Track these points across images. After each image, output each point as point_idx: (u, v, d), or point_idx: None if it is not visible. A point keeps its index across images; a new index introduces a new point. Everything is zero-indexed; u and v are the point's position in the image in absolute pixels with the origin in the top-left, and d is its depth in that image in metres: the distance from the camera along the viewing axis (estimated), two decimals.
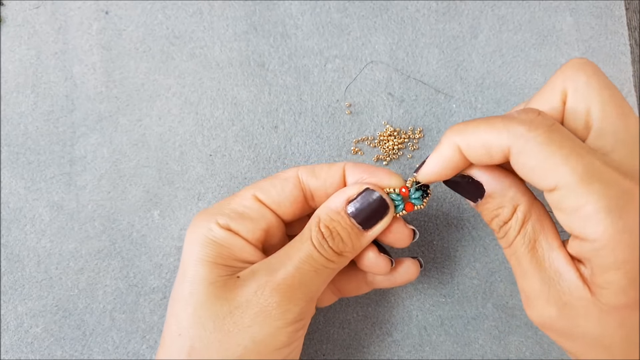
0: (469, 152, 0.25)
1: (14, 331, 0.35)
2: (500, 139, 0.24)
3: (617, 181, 0.23)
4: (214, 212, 0.29)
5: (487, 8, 0.38)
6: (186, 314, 0.27)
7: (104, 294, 0.35)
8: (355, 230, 0.28)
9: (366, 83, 0.37)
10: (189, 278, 0.28)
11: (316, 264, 0.28)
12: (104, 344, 0.35)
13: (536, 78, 0.37)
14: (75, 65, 0.37)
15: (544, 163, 0.23)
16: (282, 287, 0.27)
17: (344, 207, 0.28)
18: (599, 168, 0.23)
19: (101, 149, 0.37)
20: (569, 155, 0.23)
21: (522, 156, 0.24)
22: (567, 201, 0.23)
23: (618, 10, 0.38)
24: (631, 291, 0.23)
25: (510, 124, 0.24)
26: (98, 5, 0.38)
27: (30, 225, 0.36)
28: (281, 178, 0.30)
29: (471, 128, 0.25)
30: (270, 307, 0.27)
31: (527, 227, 0.26)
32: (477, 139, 0.25)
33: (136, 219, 0.36)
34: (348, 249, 0.28)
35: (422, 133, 0.37)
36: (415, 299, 0.36)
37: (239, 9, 0.38)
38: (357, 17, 0.38)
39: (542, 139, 0.23)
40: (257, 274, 0.28)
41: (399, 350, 0.35)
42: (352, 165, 0.30)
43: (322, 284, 0.28)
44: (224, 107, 0.37)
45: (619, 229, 0.22)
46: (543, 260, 0.26)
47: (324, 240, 0.28)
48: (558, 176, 0.23)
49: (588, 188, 0.22)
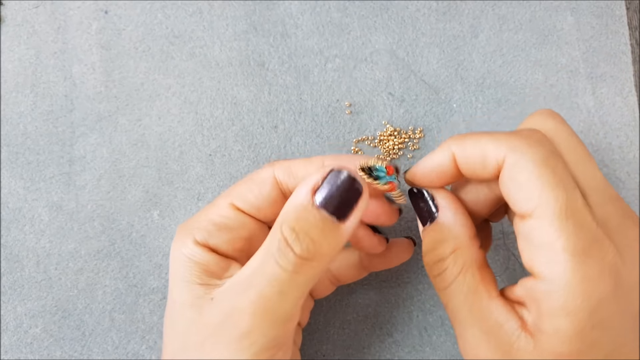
0: (464, 159, 0.25)
1: (13, 331, 0.35)
2: (499, 148, 0.23)
3: (591, 226, 0.22)
4: (191, 227, 0.27)
5: (488, 7, 0.38)
6: (175, 337, 0.26)
7: (104, 294, 0.35)
8: (329, 223, 0.23)
9: (366, 83, 0.37)
10: (174, 300, 0.27)
11: (281, 285, 0.23)
12: (103, 344, 0.35)
13: (537, 78, 0.37)
14: (75, 64, 0.37)
15: (533, 182, 0.22)
16: (245, 317, 0.24)
17: (309, 198, 0.24)
18: (580, 207, 0.22)
19: (100, 149, 0.36)
20: (558, 183, 0.22)
21: (514, 169, 0.23)
22: (539, 231, 0.22)
23: (619, 10, 0.38)
24: (576, 341, 0.22)
25: (512, 137, 0.24)
26: (97, 4, 0.38)
27: (30, 225, 0.36)
28: (257, 181, 0.28)
29: (472, 137, 0.25)
30: (236, 340, 0.24)
31: (467, 275, 0.25)
32: (475, 146, 0.24)
33: (136, 219, 0.36)
34: (323, 250, 0.24)
35: (423, 133, 0.37)
36: (416, 300, 0.36)
37: (238, 8, 0.38)
38: (357, 16, 0.38)
39: (538, 158, 0.23)
40: (226, 296, 0.25)
41: (399, 350, 0.35)
42: (332, 158, 0.27)
43: (293, 304, 0.24)
44: (223, 106, 0.37)
45: (580, 275, 0.21)
46: (482, 310, 0.24)
47: (288, 249, 0.23)
48: (541, 200, 0.22)
49: (564, 223, 0.22)
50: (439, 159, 0.26)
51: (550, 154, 0.23)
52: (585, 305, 0.22)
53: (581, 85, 0.37)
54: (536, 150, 0.23)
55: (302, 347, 0.33)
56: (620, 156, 0.36)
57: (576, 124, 0.37)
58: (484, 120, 0.37)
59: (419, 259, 0.36)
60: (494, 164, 0.24)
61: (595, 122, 0.37)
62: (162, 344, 0.28)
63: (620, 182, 0.36)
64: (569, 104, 0.37)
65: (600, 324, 0.22)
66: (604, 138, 0.36)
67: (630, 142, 0.36)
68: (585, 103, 0.37)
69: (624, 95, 0.37)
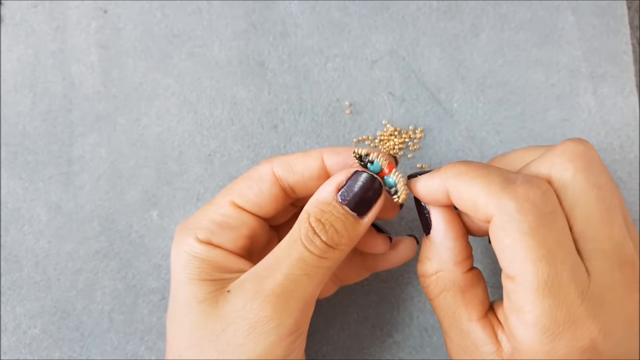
0: (457, 199, 0.25)
1: (12, 332, 0.35)
2: (488, 204, 0.22)
3: (571, 305, 0.21)
4: (193, 226, 0.28)
5: (489, 7, 0.38)
6: (183, 335, 0.26)
7: (103, 295, 0.35)
8: (350, 218, 0.26)
9: (366, 82, 0.37)
10: (181, 298, 0.27)
11: (307, 267, 0.25)
12: (102, 345, 0.35)
13: (538, 77, 0.37)
14: (74, 64, 0.37)
15: (516, 250, 0.22)
16: (271, 299, 0.25)
17: (334, 196, 0.26)
18: (564, 281, 0.21)
19: (99, 149, 0.36)
20: (542, 257, 0.21)
21: (500, 232, 0.22)
22: (516, 297, 0.22)
23: (620, 10, 0.38)
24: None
25: (504, 194, 0.22)
26: (96, 4, 0.37)
27: (29, 225, 0.36)
28: (256, 178, 0.28)
29: (467, 179, 0.24)
30: (261, 322, 0.25)
31: (448, 296, 0.26)
32: (468, 192, 0.23)
33: (135, 220, 0.36)
34: (344, 241, 0.26)
35: (423, 132, 0.36)
36: (417, 300, 0.35)
37: (238, 7, 0.37)
38: (358, 15, 0.37)
39: (526, 227, 0.22)
40: (245, 285, 0.26)
41: (399, 351, 0.35)
42: (331, 151, 0.28)
43: (317, 287, 0.26)
44: (223, 106, 0.37)
45: (544, 351, 0.22)
46: (461, 330, 0.26)
47: (316, 236, 0.25)
48: (521, 271, 0.22)
49: (539, 299, 0.21)
50: (434, 188, 0.25)
51: (543, 221, 0.22)
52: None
53: (582, 85, 0.37)
54: (525, 218, 0.22)
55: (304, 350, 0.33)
56: (621, 156, 0.36)
57: (577, 123, 0.37)
58: (485, 120, 0.37)
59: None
60: (483, 215, 0.23)
61: (596, 122, 0.36)
62: (166, 346, 0.28)
63: (621, 182, 0.36)
64: (569, 103, 0.37)
65: None
66: (604, 138, 0.36)
67: (631, 142, 0.36)
68: (586, 103, 0.37)
69: (625, 94, 0.37)
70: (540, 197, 0.22)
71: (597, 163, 0.23)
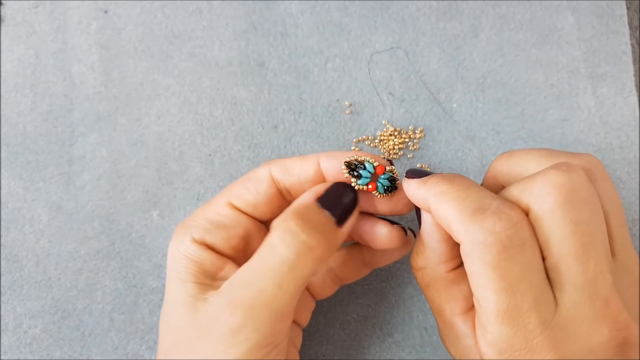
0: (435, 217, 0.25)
1: (13, 332, 0.35)
2: (459, 232, 0.23)
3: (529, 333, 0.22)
4: (189, 225, 0.28)
5: (488, 7, 0.38)
6: (168, 334, 0.26)
7: (103, 295, 0.35)
8: (330, 222, 0.26)
9: (366, 82, 0.37)
10: (169, 297, 0.27)
11: (280, 276, 0.24)
12: (103, 344, 0.35)
13: (537, 77, 0.37)
14: (74, 64, 0.37)
15: (480, 279, 0.22)
16: (240, 311, 0.24)
17: (313, 201, 0.26)
18: (522, 313, 0.22)
19: (100, 149, 0.36)
20: (503, 289, 0.22)
21: (467, 258, 0.23)
22: (481, 317, 0.23)
23: (619, 10, 0.38)
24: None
25: (472, 225, 0.22)
26: (97, 4, 0.38)
27: (29, 225, 0.36)
28: (254, 179, 0.28)
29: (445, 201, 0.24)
30: (232, 334, 0.24)
31: (431, 291, 0.27)
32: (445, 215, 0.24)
33: (135, 219, 0.36)
34: (323, 244, 0.25)
35: (423, 132, 0.37)
36: (416, 300, 0.35)
37: (238, 7, 0.38)
38: (358, 16, 0.37)
39: (489, 260, 0.22)
40: (220, 294, 0.25)
41: (399, 351, 0.35)
42: (327, 156, 0.28)
43: (289, 299, 0.25)
44: (223, 106, 0.37)
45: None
46: (445, 321, 0.27)
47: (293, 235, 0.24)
48: (483, 297, 0.23)
49: (498, 327, 0.22)
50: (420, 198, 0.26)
51: (506, 255, 0.22)
52: None
53: (582, 85, 0.37)
54: (489, 250, 0.22)
55: (302, 348, 0.33)
56: (621, 156, 0.36)
57: (577, 123, 0.37)
58: (485, 120, 0.37)
59: None
60: (455, 239, 0.24)
61: (596, 122, 0.37)
62: (158, 342, 0.28)
63: (621, 182, 0.36)
64: (569, 103, 0.37)
65: None
66: (604, 138, 0.36)
67: (631, 142, 0.36)
68: (586, 103, 0.37)
69: (624, 95, 0.37)
70: (507, 231, 0.22)
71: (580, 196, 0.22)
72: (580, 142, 0.36)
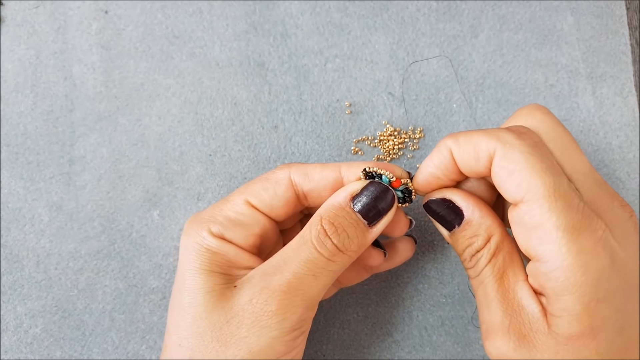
0: (459, 154, 0.26)
1: (13, 331, 0.35)
2: (489, 141, 0.25)
3: (579, 205, 0.23)
4: (207, 219, 0.28)
5: (488, 7, 0.38)
6: (185, 323, 0.27)
7: (104, 294, 0.35)
8: (362, 225, 0.27)
9: (366, 83, 0.37)
10: (187, 287, 0.27)
11: (315, 268, 0.26)
12: (103, 344, 0.35)
13: (537, 77, 0.37)
14: (75, 65, 0.37)
15: (522, 171, 0.23)
16: (277, 295, 0.26)
17: (348, 202, 0.27)
18: (567, 189, 0.23)
19: (100, 149, 0.36)
20: (545, 170, 0.23)
21: (504, 160, 0.24)
22: (530, 215, 0.23)
23: (619, 10, 0.38)
24: (586, 318, 0.23)
25: (501, 131, 0.25)
26: (97, 4, 0.38)
27: (30, 225, 0.36)
28: (273, 181, 0.29)
29: (464, 133, 0.26)
30: (266, 316, 0.26)
31: (498, 258, 0.26)
32: (469, 141, 0.26)
33: (136, 219, 0.36)
34: (353, 247, 0.27)
35: (423, 133, 0.37)
36: (416, 300, 0.36)
37: (238, 8, 0.38)
38: (357, 16, 0.38)
39: (525, 149, 0.24)
40: (252, 280, 0.27)
41: (399, 350, 0.35)
42: (349, 165, 0.29)
43: (322, 288, 0.27)
44: (223, 106, 0.37)
45: (575, 249, 0.22)
46: (508, 291, 0.26)
47: (327, 239, 0.26)
48: (530, 186, 0.23)
49: (553, 204, 0.23)
50: (439, 157, 0.27)
51: (536, 144, 0.24)
52: (586, 279, 0.22)
53: (581, 85, 0.37)
54: (523, 142, 0.24)
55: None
56: (620, 156, 0.36)
57: (576, 123, 0.37)
58: (484, 121, 0.37)
59: (419, 259, 0.36)
60: (486, 156, 0.25)
61: (595, 122, 0.37)
62: (165, 334, 0.28)
63: (620, 182, 0.36)
64: (569, 104, 0.37)
65: (606, 298, 0.23)
66: (603, 138, 0.36)
67: (630, 142, 0.36)
68: (585, 103, 0.37)
69: (624, 95, 0.37)
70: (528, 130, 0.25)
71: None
72: (579, 142, 0.36)
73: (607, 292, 0.23)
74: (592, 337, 0.23)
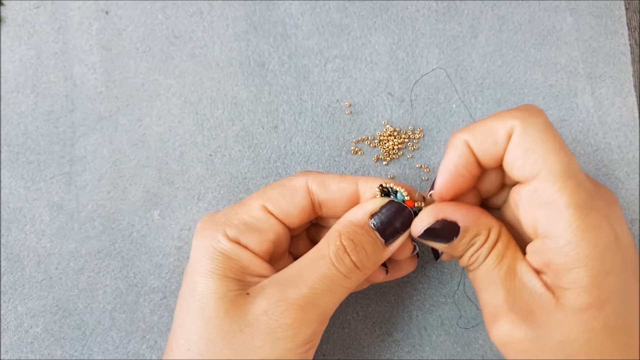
0: (477, 143, 0.26)
1: (14, 331, 0.35)
2: (506, 121, 0.25)
3: (586, 183, 0.24)
4: (222, 222, 0.28)
5: (487, 8, 0.38)
6: (196, 328, 0.26)
7: (104, 294, 0.35)
8: (379, 244, 0.27)
9: (366, 83, 0.37)
10: (199, 291, 0.27)
11: (332, 284, 0.26)
12: (104, 344, 0.35)
13: (536, 78, 0.37)
14: (75, 65, 0.37)
15: (538, 147, 0.24)
16: (294, 309, 0.26)
17: (367, 220, 0.27)
18: (577, 168, 0.24)
19: (101, 149, 0.37)
20: (560, 148, 0.24)
21: (522, 136, 0.25)
22: (541, 192, 0.24)
23: (618, 10, 0.38)
24: (594, 290, 0.23)
25: (514, 111, 0.26)
26: (98, 5, 0.38)
27: (30, 225, 0.36)
28: (290, 188, 0.29)
29: (475, 123, 0.27)
30: (281, 328, 0.26)
31: (498, 245, 0.27)
32: (483, 127, 0.26)
33: (136, 219, 0.36)
34: (370, 265, 0.27)
35: (422, 133, 0.37)
36: (415, 299, 0.36)
37: (239, 8, 0.38)
38: (357, 17, 0.38)
39: (542, 126, 0.25)
40: (267, 291, 0.26)
41: (399, 350, 0.35)
42: (366, 180, 0.29)
43: (336, 303, 0.27)
44: (223, 107, 0.37)
45: (585, 226, 0.23)
46: (509, 272, 0.26)
47: (346, 255, 0.26)
48: (545, 163, 0.24)
49: (565, 183, 0.24)
50: (456, 153, 0.26)
51: (548, 122, 0.25)
52: (595, 252, 0.23)
53: (580, 86, 0.37)
54: (539, 119, 0.25)
55: None
56: (620, 156, 0.36)
57: (575, 124, 0.37)
58: None
59: (419, 259, 0.36)
60: (504, 137, 0.25)
61: (595, 122, 0.37)
62: (170, 336, 0.28)
63: (620, 182, 0.36)
64: (568, 104, 0.37)
65: (613, 271, 0.23)
66: (603, 138, 0.37)
67: (630, 142, 0.36)
68: (585, 103, 0.37)
69: (623, 95, 0.37)
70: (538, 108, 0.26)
71: None
72: (579, 142, 0.37)
73: (612, 265, 0.23)
74: (600, 308, 0.24)
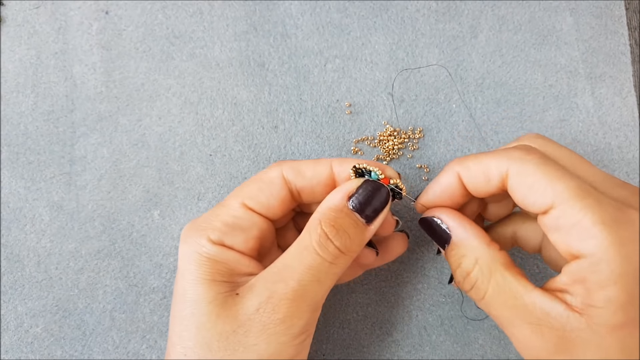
0: (469, 178, 0.27)
1: (14, 331, 0.35)
2: (500, 163, 0.26)
3: (608, 200, 0.24)
4: (204, 227, 0.28)
5: (487, 8, 0.38)
6: (189, 334, 0.26)
7: (104, 294, 0.35)
8: (361, 224, 0.27)
9: (366, 83, 0.37)
10: (189, 297, 0.27)
11: (319, 273, 0.26)
12: (104, 343, 0.35)
13: (536, 78, 0.37)
14: (75, 65, 0.37)
15: (541, 181, 0.24)
16: (284, 303, 0.26)
17: (345, 202, 0.27)
18: (589, 188, 0.24)
19: (101, 149, 0.37)
20: (563, 175, 0.24)
21: (520, 177, 0.25)
22: (564, 217, 0.24)
23: (618, 10, 0.38)
24: (630, 308, 0.23)
25: (509, 151, 0.26)
26: (98, 5, 0.38)
27: (30, 225, 0.36)
28: (266, 181, 0.29)
29: (472, 157, 0.27)
30: (274, 324, 0.26)
31: (497, 278, 0.26)
32: (478, 164, 0.27)
33: (136, 219, 0.36)
34: (354, 247, 0.27)
35: (422, 133, 0.37)
36: (415, 299, 0.36)
37: (239, 9, 0.38)
38: (357, 17, 0.38)
39: (538, 161, 0.25)
40: (256, 289, 0.26)
41: (398, 350, 0.35)
42: (340, 161, 0.29)
43: (326, 291, 0.27)
44: (224, 107, 0.37)
45: (616, 241, 0.23)
46: (525, 305, 0.25)
47: (329, 242, 0.26)
48: (555, 192, 0.24)
49: (583, 202, 0.23)
50: (446, 181, 0.28)
51: (545, 156, 0.25)
52: (631, 268, 0.23)
53: (580, 86, 0.37)
54: (533, 156, 0.25)
55: None
56: (620, 156, 0.36)
57: (575, 124, 0.37)
58: (483, 121, 0.37)
59: (418, 259, 0.36)
60: (497, 177, 0.26)
61: (595, 122, 0.37)
62: (168, 345, 0.28)
63: None
64: (568, 104, 0.37)
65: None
66: (603, 138, 0.37)
67: (630, 142, 0.36)
68: (585, 103, 0.37)
69: (623, 95, 0.37)
70: (532, 148, 0.26)
71: None
72: (578, 142, 0.37)
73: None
74: (636, 326, 0.23)
